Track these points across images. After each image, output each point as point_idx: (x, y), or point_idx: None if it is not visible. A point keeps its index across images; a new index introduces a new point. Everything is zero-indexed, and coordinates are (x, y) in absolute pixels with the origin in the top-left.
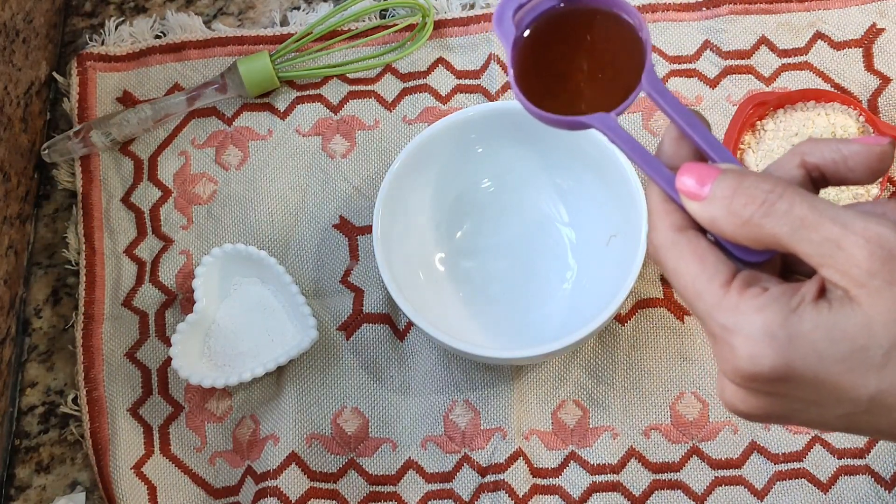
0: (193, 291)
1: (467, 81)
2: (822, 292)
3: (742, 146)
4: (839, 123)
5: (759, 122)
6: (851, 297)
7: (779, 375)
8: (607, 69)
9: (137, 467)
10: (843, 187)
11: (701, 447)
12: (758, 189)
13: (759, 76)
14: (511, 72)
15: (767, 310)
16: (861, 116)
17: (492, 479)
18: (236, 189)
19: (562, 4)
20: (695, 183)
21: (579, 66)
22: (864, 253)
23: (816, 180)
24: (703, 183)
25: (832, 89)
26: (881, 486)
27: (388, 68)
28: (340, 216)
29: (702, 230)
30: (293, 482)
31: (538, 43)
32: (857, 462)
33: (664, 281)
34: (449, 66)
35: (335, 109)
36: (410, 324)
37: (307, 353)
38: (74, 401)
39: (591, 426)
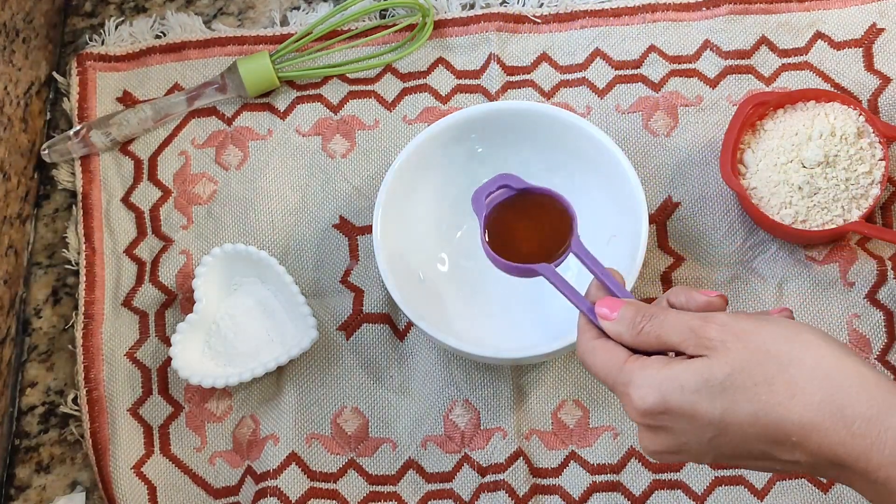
0: (193, 291)
1: (467, 81)
2: (685, 356)
3: (742, 146)
4: (839, 123)
5: (758, 122)
6: (703, 355)
7: (659, 408)
8: (549, 234)
9: (137, 467)
10: (844, 186)
11: None
12: (644, 310)
13: (759, 76)
14: (483, 235)
15: (648, 366)
16: (861, 116)
17: (492, 479)
18: (236, 189)
19: (516, 191)
20: (607, 310)
21: (529, 232)
22: (717, 334)
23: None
24: (613, 310)
25: (832, 89)
26: None
27: (388, 68)
28: (340, 216)
29: (610, 340)
30: (293, 482)
31: (502, 216)
32: None
33: (664, 280)
34: (449, 66)
35: (335, 109)
36: (410, 324)
37: (307, 353)
38: (74, 401)
39: (591, 426)
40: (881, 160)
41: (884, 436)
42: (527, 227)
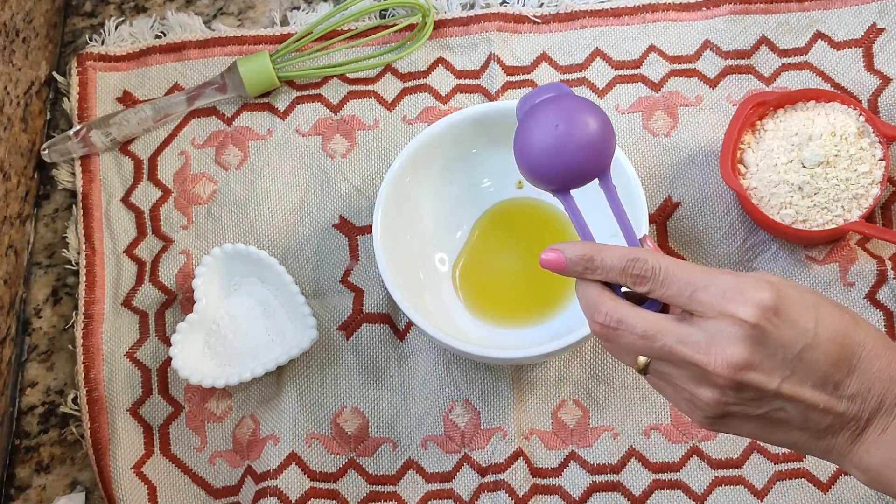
0: (193, 291)
1: (467, 81)
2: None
3: (742, 146)
4: (839, 123)
5: (759, 122)
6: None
7: (776, 304)
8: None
9: (137, 467)
10: (844, 186)
11: (701, 447)
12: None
13: (759, 76)
14: (518, 135)
15: (757, 272)
16: (861, 116)
17: (492, 479)
18: (236, 189)
19: (565, 91)
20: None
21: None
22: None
23: None
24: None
25: (832, 89)
26: None
27: (388, 68)
28: (340, 216)
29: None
30: (293, 482)
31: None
32: None
33: None
34: (449, 66)
35: (335, 109)
36: (410, 324)
37: (307, 353)
38: (74, 401)
39: (591, 426)
40: (881, 160)
41: None
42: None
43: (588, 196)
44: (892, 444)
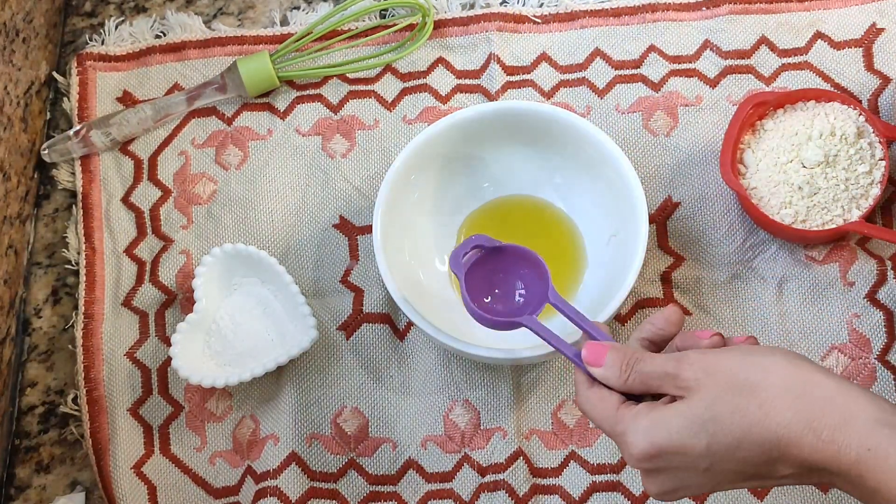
0: (193, 291)
1: (467, 81)
2: (671, 399)
3: (742, 146)
4: (838, 123)
5: (759, 122)
6: (685, 398)
7: (652, 452)
8: (528, 285)
9: (137, 467)
10: (843, 186)
11: None
12: (627, 357)
13: (759, 76)
14: (465, 293)
15: (637, 414)
16: (861, 116)
17: (492, 479)
18: (236, 189)
19: (489, 250)
20: (595, 357)
21: (509, 286)
22: (690, 374)
23: (656, 344)
24: (600, 356)
25: (832, 89)
26: None
27: (388, 68)
28: (340, 216)
29: (602, 387)
30: (293, 482)
31: (481, 270)
32: None
33: (664, 280)
34: (449, 66)
35: (335, 109)
36: (410, 324)
37: (307, 352)
38: (74, 401)
39: (591, 426)
40: (881, 160)
41: (848, 441)
42: (505, 280)
43: (588, 197)
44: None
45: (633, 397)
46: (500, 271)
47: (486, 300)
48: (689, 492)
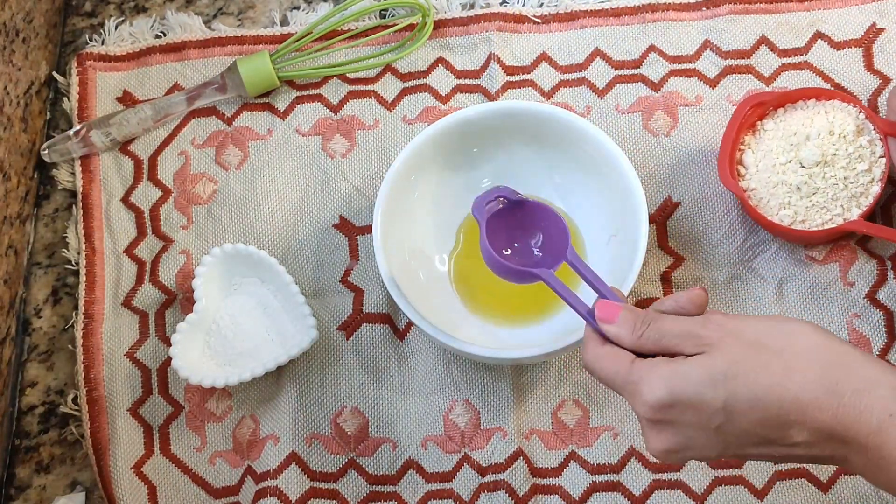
0: (193, 291)
1: (467, 81)
2: (687, 356)
3: (742, 146)
4: (837, 122)
5: (759, 122)
6: (703, 353)
7: (668, 400)
8: (546, 241)
9: (137, 467)
10: (842, 185)
11: None
12: (642, 315)
13: (758, 76)
14: (484, 238)
15: (655, 365)
16: (861, 113)
17: (492, 479)
18: (236, 189)
19: (512, 202)
20: (607, 314)
21: (527, 240)
22: (714, 333)
23: None
24: (613, 314)
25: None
26: None
27: (388, 68)
28: (340, 216)
29: (614, 345)
30: (293, 482)
31: (501, 224)
32: None
33: (664, 280)
34: (449, 66)
35: (335, 109)
36: (410, 324)
37: (307, 352)
38: (74, 401)
39: (591, 426)
40: (881, 157)
41: (871, 405)
42: (523, 236)
43: (588, 197)
44: None
45: (643, 357)
46: (520, 226)
47: (505, 252)
48: (693, 453)
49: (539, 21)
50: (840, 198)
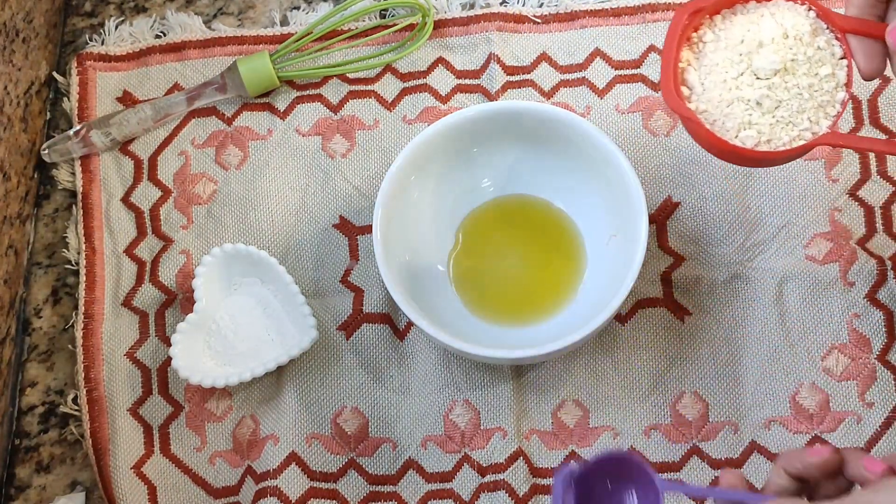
0: (193, 291)
1: (467, 81)
2: None
3: (682, 64)
4: (788, 23)
5: (694, 35)
6: None
7: None
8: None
9: (137, 467)
10: (808, 94)
11: (701, 447)
12: None
13: None
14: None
15: None
16: (811, 11)
17: (492, 479)
18: (236, 189)
19: (582, 472)
20: None
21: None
22: None
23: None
24: None
25: None
26: None
27: (388, 68)
28: (340, 216)
29: None
30: (293, 482)
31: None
32: None
33: (664, 280)
34: (449, 66)
35: (335, 109)
36: (410, 324)
37: (307, 352)
38: (74, 401)
39: (591, 426)
40: (842, 59)
41: None
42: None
43: (587, 197)
44: None
45: None
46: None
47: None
48: None
49: (539, 21)
50: (806, 109)
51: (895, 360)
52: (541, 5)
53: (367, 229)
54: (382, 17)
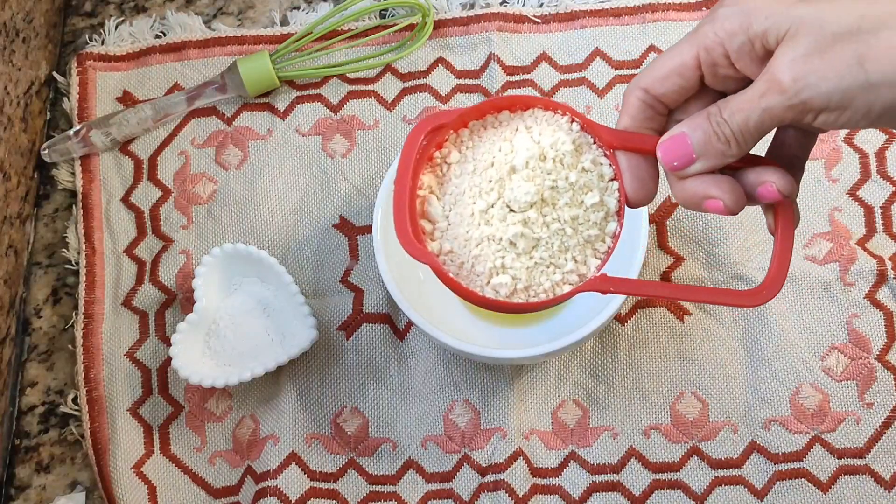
0: (193, 291)
1: (467, 81)
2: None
3: (422, 192)
4: (547, 142)
5: (437, 154)
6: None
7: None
8: None
9: (137, 467)
10: (571, 229)
11: (701, 447)
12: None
13: None
14: None
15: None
16: (574, 123)
17: (492, 479)
18: (236, 189)
19: None
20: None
21: None
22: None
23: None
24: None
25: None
26: (881, 486)
27: (388, 68)
28: (340, 216)
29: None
30: (293, 482)
31: None
32: (857, 462)
33: (664, 280)
34: (449, 66)
35: (335, 109)
36: (410, 324)
37: (307, 352)
38: (74, 401)
39: (591, 426)
40: (612, 180)
41: None
42: None
43: None
44: None
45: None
46: None
47: None
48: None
49: (539, 21)
50: (570, 247)
51: (895, 360)
52: (541, 5)
53: (367, 229)
54: (382, 17)
